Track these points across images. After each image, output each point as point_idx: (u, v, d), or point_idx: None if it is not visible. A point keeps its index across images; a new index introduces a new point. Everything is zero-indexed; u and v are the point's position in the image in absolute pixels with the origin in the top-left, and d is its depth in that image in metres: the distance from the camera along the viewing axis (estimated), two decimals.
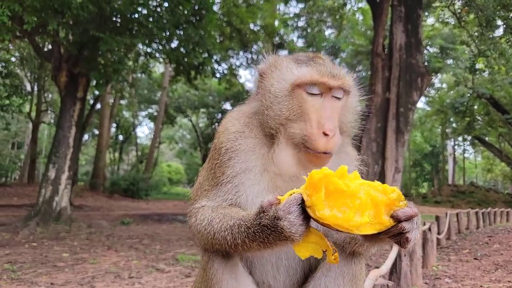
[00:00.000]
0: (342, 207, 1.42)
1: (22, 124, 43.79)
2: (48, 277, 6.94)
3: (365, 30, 36.23)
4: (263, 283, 1.92)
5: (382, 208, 1.44)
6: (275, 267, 1.90)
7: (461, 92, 35.86)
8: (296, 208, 1.44)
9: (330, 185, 1.43)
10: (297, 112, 1.83)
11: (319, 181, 1.42)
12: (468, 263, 8.97)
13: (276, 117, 1.85)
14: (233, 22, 23.93)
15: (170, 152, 73.99)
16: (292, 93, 1.86)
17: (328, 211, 1.41)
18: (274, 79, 1.92)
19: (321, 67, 1.85)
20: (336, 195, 1.43)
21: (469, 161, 66.36)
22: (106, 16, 14.63)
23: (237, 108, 2.17)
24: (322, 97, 1.84)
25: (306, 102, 1.83)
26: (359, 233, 1.42)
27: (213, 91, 43.07)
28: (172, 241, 11.93)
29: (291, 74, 1.88)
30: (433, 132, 54.45)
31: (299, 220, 1.44)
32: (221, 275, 1.75)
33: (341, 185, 1.43)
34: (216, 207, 1.81)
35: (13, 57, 28.58)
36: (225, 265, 1.76)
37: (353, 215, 1.41)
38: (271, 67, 1.97)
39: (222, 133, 1.98)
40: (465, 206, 29.83)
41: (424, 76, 19.25)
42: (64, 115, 15.28)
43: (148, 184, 35.66)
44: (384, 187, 1.47)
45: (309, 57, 1.94)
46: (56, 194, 14.70)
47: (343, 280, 1.80)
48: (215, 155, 1.95)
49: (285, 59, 1.99)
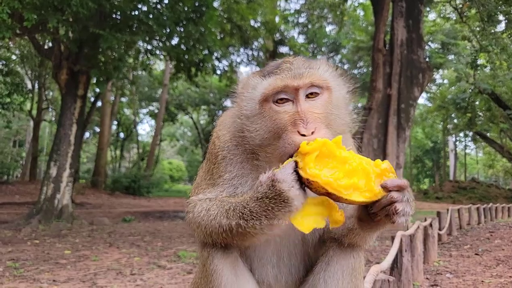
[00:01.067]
0: (333, 169, 1.45)
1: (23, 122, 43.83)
2: (50, 274, 6.97)
3: (366, 26, 36.14)
4: (263, 283, 1.90)
5: (372, 178, 1.46)
6: (276, 267, 1.89)
7: (463, 88, 35.76)
8: (292, 171, 1.47)
9: (323, 148, 1.45)
10: (272, 127, 1.73)
11: (313, 149, 1.45)
12: (469, 259, 8.97)
13: (254, 139, 1.78)
14: (233, 18, 23.85)
15: (171, 149, 74.05)
16: (261, 109, 1.77)
17: (318, 170, 1.43)
18: (244, 101, 1.85)
19: (283, 73, 1.75)
20: (328, 159, 1.45)
21: (471, 157, 66.31)
22: (106, 13, 14.61)
23: (230, 111, 2.12)
24: (293, 103, 1.73)
25: (277, 114, 1.73)
26: (348, 198, 1.43)
27: (213, 88, 43.04)
28: (174, 238, 11.96)
29: (255, 91, 1.80)
30: (435, 128, 54.38)
31: (296, 184, 1.46)
32: (221, 271, 1.73)
33: (334, 148, 1.46)
34: (214, 198, 1.82)
35: (14, 55, 28.55)
36: (225, 260, 1.75)
37: (342, 176, 1.43)
38: (243, 88, 1.89)
39: (217, 139, 1.97)
40: (466, 202, 29.83)
41: (426, 71, 19.21)
42: (65, 113, 15.30)
43: (150, 182, 35.75)
44: (376, 162, 1.49)
45: (276, 65, 1.84)
46: (58, 192, 14.74)
47: (342, 274, 1.78)
48: (212, 159, 1.95)
49: (253, 75, 1.89)
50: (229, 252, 1.77)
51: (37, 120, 33.86)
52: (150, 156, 41.48)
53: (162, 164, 60.54)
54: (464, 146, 58.40)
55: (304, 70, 1.77)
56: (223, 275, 1.73)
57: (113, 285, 6.33)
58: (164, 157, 67.66)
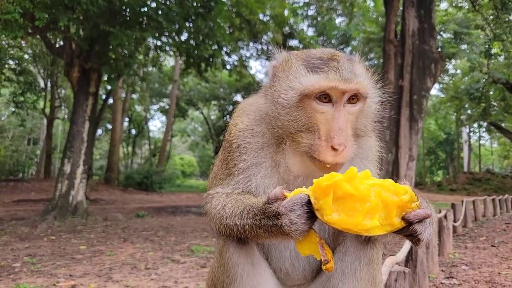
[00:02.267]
0: (351, 211, 1.41)
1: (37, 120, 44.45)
2: (66, 269, 7.08)
3: (376, 17, 35.67)
4: (280, 270, 1.91)
5: (393, 209, 1.43)
6: (294, 254, 1.90)
7: (476, 78, 35.14)
8: (300, 208, 1.46)
9: (338, 190, 1.42)
10: (306, 122, 1.74)
11: (327, 187, 1.43)
12: (485, 251, 8.86)
13: (283, 127, 1.78)
14: (242, 12, 23.77)
15: (182, 145, 74.44)
16: (300, 103, 1.75)
17: (337, 215, 1.41)
18: (282, 87, 1.80)
19: (332, 73, 1.71)
20: (345, 199, 1.42)
21: (485, 147, 65.19)
22: (116, 11, 14.68)
23: (249, 100, 2.13)
24: (333, 106, 1.73)
25: (315, 112, 1.73)
26: (368, 234, 1.44)
27: (223, 83, 43.05)
28: (187, 232, 12.04)
29: (299, 84, 1.75)
30: (448, 119, 53.62)
31: (301, 220, 1.46)
32: (237, 259, 1.75)
33: (350, 189, 1.42)
34: (230, 193, 1.82)
35: (26, 55, 28.92)
36: (241, 249, 1.76)
37: (362, 219, 1.40)
38: (281, 69, 1.85)
39: (234, 127, 1.97)
40: (481, 194, 29.40)
41: (438, 62, 18.92)
42: (78, 110, 15.46)
43: (162, 177, 36.00)
44: (396, 187, 1.45)
45: (322, 59, 1.77)
46: (72, 188, 14.94)
47: (359, 264, 1.77)
48: (227, 148, 1.95)
49: (296, 61, 1.83)
50: (244, 241, 1.78)
51: (51, 118, 34.31)
52: (162, 152, 41.75)
53: (173, 159, 60.94)
54: (478, 137, 57.38)
55: (353, 74, 1.74)
56: (239, 263, 1.75)
57: (128, 279, 6.40)
58: (176, 153, 68.05)
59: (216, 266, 1.86)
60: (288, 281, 1.93)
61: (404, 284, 3.08)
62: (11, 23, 11.30)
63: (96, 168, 47.37)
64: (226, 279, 1.77)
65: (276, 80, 1.85)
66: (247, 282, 1.75)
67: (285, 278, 1.93)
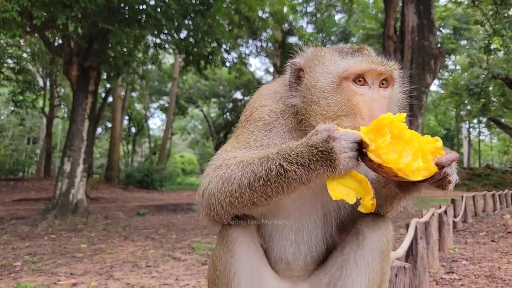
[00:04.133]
0: (404, 152, 1.47)
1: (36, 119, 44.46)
2: (67, 268, 7.08)
3: (375, 13, 35.57)
4: (281, 261, 1.92)
5: (429, 155, 1.50)
6: (295, 245, 1.90)
7: (476, 73, 35.09)
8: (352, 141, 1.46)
9: (395, 129, 1.47)
10: (346, 106, 1.76)
11: (386, 125, 1.46)
12: (485, 246, 8.87)
13: (324, 112, 1.78)
14: (241, 9, 23.71)
15: (182, 143, 74.45)
16: (339, 86, 1.79)
17: (395, 155, 1.45)
18: (318, 73, 1.84)
19: (368, 57, 1.81)
20: (398, 141, 1.47)
21: (485, 143, 65.20)
22: (114, 8, 14.64)
23: (268, 86, 2.14)
24: (370, 88, 1.80)
25: (355, 94, 1.77)
26: (412, 179, 1.47)
27: (223, 81, 43.03)
28: (188, 230, 12.06)
29: (337, 67, 1.81)
30: (447, 115, 53.60)
31: (352, 152, 1.45)
32: (239, 261, 1.76)
33: (405, 130, 1.48)
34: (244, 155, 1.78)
35: (25, 53, 28.90)
36: (242, 249, 1.78)
37: (413, 162, 1.46)
38: (312, 61, 1.90)
39: (261, 108, 1.96)
40: (481, 189, 29.42)
41: (438, 58, 18.88)
42: (77, 109, 15.44)
43: (162, 175, 36.02)
44: (426, 137, 1.53)
45: (353, 48, 1.89)
46: (72, 187, 14.94)
47: (372, 256, 1.79)
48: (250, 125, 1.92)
49: (327, 51, 1.92)
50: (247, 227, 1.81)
51: (50, 116, 34.29)
52: (162, 150, 41.76)
53: (174, 157, 60.97)
54: (478, 132, 57.44)
55: (385, 60, 1.85)
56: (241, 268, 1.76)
57: (129, 277, 6.41)
58: (176, 151, 68.10)
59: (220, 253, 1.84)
60: (287, 271, 1.94)
61: (404, 279, 3.08)
62: (9, 22, 11.27)
63: (96, 166, 47.41)
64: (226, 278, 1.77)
65: (308, 70, 1.88)
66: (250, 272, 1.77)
67: (285, 269, 1.94)
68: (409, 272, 3.25)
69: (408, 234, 4.83)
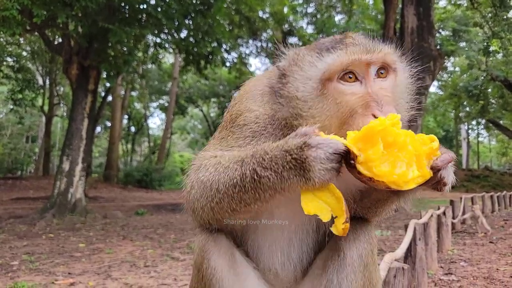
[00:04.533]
0: (398, 161, 1.30)
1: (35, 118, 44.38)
2: (65, 267, 7.07)
3: (375, 14, 35.60)
4: (269, 271, 1.78)
5: (424, 159, 1.33)
6: (286, 254, 1.77)
7: (475, 75, 35.14)
8: (332, 151, 1.29)
9: (388, 136, 1.30)
10: (337, 110, 1.53)
11: (378, 133, 1.29)
12: (483, 247, 8.88)
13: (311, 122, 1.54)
14: (241, 10, 23.73)
15: (182, 142, 74.37)
16: (323, 90, 1.54)
17: (387, 166, 1.29)
18: (297, 80, 1.60)
19: (350, 47, 1.54)
20: (391, 148, 1.30)
21: (483, 145, 65.33)
22: (115, 7, 14.63)
23: (255, 83, 1.91)
24: (362, 83, 1.54)
25: (342, 94, 1.52)
26: (405, 188, 1.31)
27: (223, 80, 43.01)
28: (186, 230, 12.04)
29: (315, 69, 1.56)
30: (446, 117, 53.64)
31: (331, 163, 1.29)
32: (220, 273, 1.62)
33: (399, 137, 1.30)
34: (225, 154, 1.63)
35: (25, 52, 28.86)
36: (223, 259, 1.65)
37: (407, 172, 1.30)
38: (292, 66, 1.65)
39: (247, 112, 1.76)
40: (479, 191, 29.46)
41: (437, 59, 18.90)
42: (76, 108, 15.42)
43: (161, 175, 35.99)
44: (421, 137, 1.38)
45: (335, 40, 1.62)
46: (71, 186, 14.92)
47: (355, 275, 1.66)
48: (235, 130, 1.76)
49: (306, 51, 1.65)
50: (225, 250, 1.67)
51: (49, 115, 34.25)
52: (161, 150, 41.73)
53: (173, 157, 60.82)
54: (476, 134, 57.54)
55: (376, 45, 1.57)
56: (223, 277, 1.62)
57: (128, 277, 6.40)
58: (175, 150, 68.02)
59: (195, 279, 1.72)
60: (276, 282, 1.80)
61: (403, 280, 3.09)
62: (9, 20, 11.26)
63: (95, 165, 47.35)
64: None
65: (290, 78, 1.64)
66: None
67: (273, 279, 1.80)
68: (407, 273, 3.26)
69: (406, 235, 4.83)
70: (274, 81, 1.74)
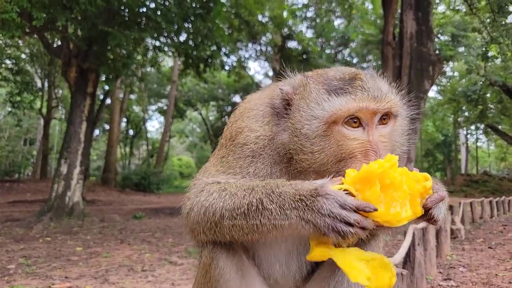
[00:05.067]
0: (393, 202, 1.36)
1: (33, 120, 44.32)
2: (62, 271, 7.03)
3: (374, 19, 35.75)
4: (269, 278, 1.83)
5: (417, 197, 1.40)
6: (285, 265, 1.82)
7: (474, 80, 35.26)
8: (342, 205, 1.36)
9: (386, 178, 1.35)
10: (337, 152, 1.57)
11: (376, 176, 1.35)
12: (482, 252, 8.86)
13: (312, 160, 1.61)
14: (241, 14, 23.79)
15: (180, 145, 74.33)
16: (327, 131, 1.58)
17: (382, 206, 1.35)
18: (303, 117, 1.62)
19: (359, 93, 1.56)
20: (387, 189, 1.36)
21: (482, 150, 65.44)
22: (114, 11, 14.64)
23: (258, 103, 1.89)
24: (364, 130, 1.59)
25: (345, 139, 1.57)
26: (398, 225, 1.38)
27: (222, 84, 43.06)
28: (184, 234, 11.94)
29: (322, 110, 1.58)
30: (445, 121, 53.73)
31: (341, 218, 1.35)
32: (228, 274, 1.66)
33: (397, 179, 1.36)
34: (228, 182, 1.67)
35: (23, 54, 28.84)
36: (231, 261, 1.67)
37: (400, 213, 1.36)
38: (299, 96, 1.67)
39: (250, 132, 1.78)
40: (478, 196, 29.46)
41: (436, 64, 18.95)
42: (75, 111, 15.40)
43: (159, 178, 35.91)
44: (415, 175, 1.43)
45: (344, 80, 1.62)
46: (69, 189, 14.87)
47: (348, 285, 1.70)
48: (236, 149, 1.78)
49: (314, 85, 1.66)
50: (233, 252, 1.69)
51: (47, 118, 34.22)
52: (160, 153, 41.67)
53: (171, 160, 60.78)
54: (475, 139, 57.68)
55: (381, 92, 1.60)
56: (231, 279, 1.65)
57: (125, 281, 6.36)
58: (174, 154, 67.93)
59: (202, 281, 1.74)
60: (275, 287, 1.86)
61: (402, 285, 3.06)
62: (8, 22, 11.24)
63: (93, 168, 47.23)
64: None
65: (295, 109, 1.67)
66: None
67: (273, 285, 1.85)
68: (406, 278, 3.24)
69: (405, 240, 4.81)
70: (277, 102, 1.77)
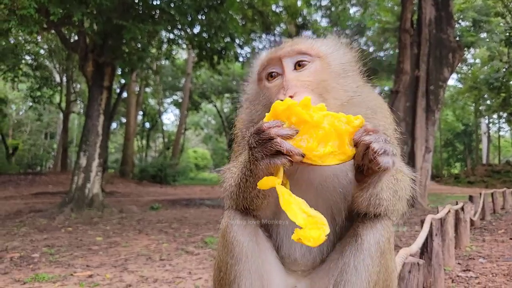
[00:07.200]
0: (305, 135, 1.40)
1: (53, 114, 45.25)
2: (83, 260, 7.20)
3: (392, 6, 34.99)
4: (289, 257, 1.90)
5: (345, 138, 1.41)
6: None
7: (496, 67, 34.30)
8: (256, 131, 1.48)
9: (292, 115, 1.41)
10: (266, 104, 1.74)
11: (282, 112, 1.42)
12: (503, 243, 8.67)
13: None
14: (254, 4, 23.57)
15: (196, 138, 74.80)
16: (258, 89, 1.81)
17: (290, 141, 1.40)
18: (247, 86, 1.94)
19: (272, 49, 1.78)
20: (299, 126, 1.41)
21: (505, 139, 63.64)
22: (129, 4, 14.72)
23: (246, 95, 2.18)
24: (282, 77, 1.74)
25: (268, 89, 1.75)
26: (322, 164, 1.40)
27: (236, 76, 42.96)
28: (200, 224, 12.12)
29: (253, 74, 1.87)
30: (466, 110, 52.54)
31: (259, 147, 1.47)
32: (241, 237, 1.75)
33: (304, 115, 1.40)
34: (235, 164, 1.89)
35: (42, 50, 29.36)
36: (244, 228, 1.77)
37: (316, 145, 1.39)
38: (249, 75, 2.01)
39: (238, 122, 2.06)
40: (500, 186, 28.79)
41: (456, 51, 18.45)
42: (92, 104, 15.61)
43: (176, 170, 36.29)
44: (348, 117, 1.43)
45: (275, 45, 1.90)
46: (88, 181, 15.15)
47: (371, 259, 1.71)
48: (235, 139, 2.04)
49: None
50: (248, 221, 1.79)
51: (66, 112, 34.86)
52: (176, 145, 42.04)
53: (187, 152, 61.31)
54: (497, 128, 56.12)
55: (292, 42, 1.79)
56: (244, 241, 1.74)
57: (143, 270, 6.48)
58: (189, 146, 68.47)
59: (220, 248, 1.84)
60: (294, 266, 1.92)
61: (418, 275, 3.03)
62: (27, 19, 11.43)
63: (111, 161, 48.02)
64: (231, 260, 1.75)
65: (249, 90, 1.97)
66: (252, 260, 1.73)
67: (292, 264, 1.92)
68: (423, 268, 3.20)
69: (423, 230, 4.74)
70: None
